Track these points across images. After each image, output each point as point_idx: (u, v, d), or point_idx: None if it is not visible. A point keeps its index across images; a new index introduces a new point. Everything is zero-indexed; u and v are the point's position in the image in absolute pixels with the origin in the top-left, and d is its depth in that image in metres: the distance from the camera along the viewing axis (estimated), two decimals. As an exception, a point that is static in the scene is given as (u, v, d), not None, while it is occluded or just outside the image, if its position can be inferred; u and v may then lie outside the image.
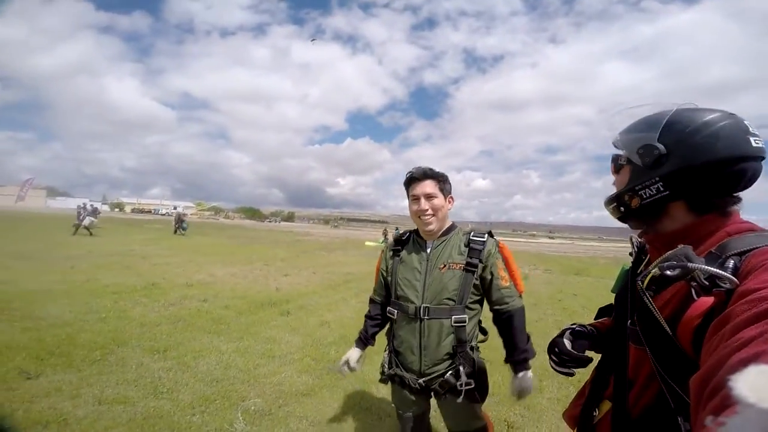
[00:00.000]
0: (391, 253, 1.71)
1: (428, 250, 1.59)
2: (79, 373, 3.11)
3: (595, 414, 0.93)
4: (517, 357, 1.54)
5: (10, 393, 2.69)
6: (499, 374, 3.68)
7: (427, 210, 1.54)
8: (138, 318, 4.75)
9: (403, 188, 1.68)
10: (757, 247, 0.66)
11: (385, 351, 1.70)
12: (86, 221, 16.49)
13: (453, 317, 1.49)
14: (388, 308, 1.67)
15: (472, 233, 1.60)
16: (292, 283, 7.91)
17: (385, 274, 1.72)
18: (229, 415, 2.65)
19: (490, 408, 2.95)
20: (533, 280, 10.30)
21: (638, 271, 0.90)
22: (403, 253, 1.66)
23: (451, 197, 1.63)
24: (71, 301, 5.27)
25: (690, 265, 0.65)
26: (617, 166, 0.91)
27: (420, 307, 1.51)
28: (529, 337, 1.59)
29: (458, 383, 1.49)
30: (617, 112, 0.94)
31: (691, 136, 0.75)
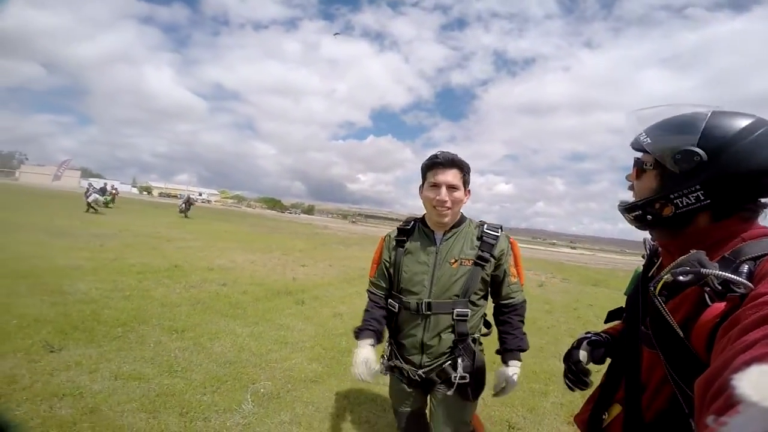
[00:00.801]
0: (395, 243, 1.59)
1: (438, 243, 1.50)
2: (100, 349, 3.22)
3: (604, 417, 0.92)
4: (512, 345, 1.51)
5: (33, 365, 2.81)
6: None
7: (447, 202, 1.43)
8: (160, 298, 4.90)
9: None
10: None
11: (386, 342, 1.64)
12: (91, 198, 17.32)
13: (455, 311, 1.44)
14: (389, 301, 1.58)
15: (485, 226, 1.52)
16: (309, 274, 8.00)
17: (387, 265, 1.60)
18: (239, 396, 2.70)
19: (493, 408, 2.91)
20: (550, 288, 10.11)
21: (650, 275, 0.90)
22: (409, 245, 1.55)
23: (469, 190, 1.53)
24: (98, 278, 5.49)
25: (703, 270, 0.64)
26: (641, 170, 0.85)
27: (423, 302, 1.45)
28: (524, 333, 1.57)
29: (453, 375, 1.44)
30: (637, 112, 0.89)
31: (733, 143, 0.71)
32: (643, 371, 0.83)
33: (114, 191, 23.52)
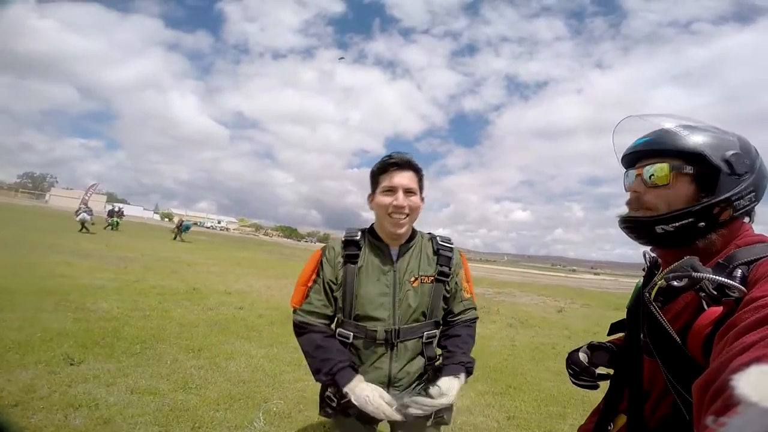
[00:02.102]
0: (343, 259, 1.29)
1: (395, 259, 1.30)
2: (118, 364, 3.25)
3: (610, 428, 0.91)
4: (461, 359, 1.26)
5: (53, 376, 2.85)
6: (520, 399, 3.45)
7: (404, 207, 1.24)
8: (178, 318, 4.96)
9: (370, 185, 1.34)
10: (764, 257, 0.66)
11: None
12: (79, 217, 17.91)
13: (425, 334, 1.29)
14: (339, 330, 1.30)
15: (438, 238, 1.38)
16: (325, 299, 7.96)
17: (333, 286, 1.29)
18: (251, 414, 2.65)
19: (509, 430, 2.77)
20: (569, 314, 9.80)
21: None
22: (362, 261, 1.30)
23: (423, 197, 1.34)
24: (120, 297, 5.61)
25: (696, 275, 0.65)
26: (677, 175, 0.77)
27: (393, 330, 1.25)
28: (472, 358, 1.32)
29: None
30: (638, 117, 0.89)
31: (756, 153, 0.78)
32: (645, 380, 0.82)
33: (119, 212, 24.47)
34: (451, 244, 1.37)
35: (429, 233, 1.41)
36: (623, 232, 0.87)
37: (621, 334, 1.11)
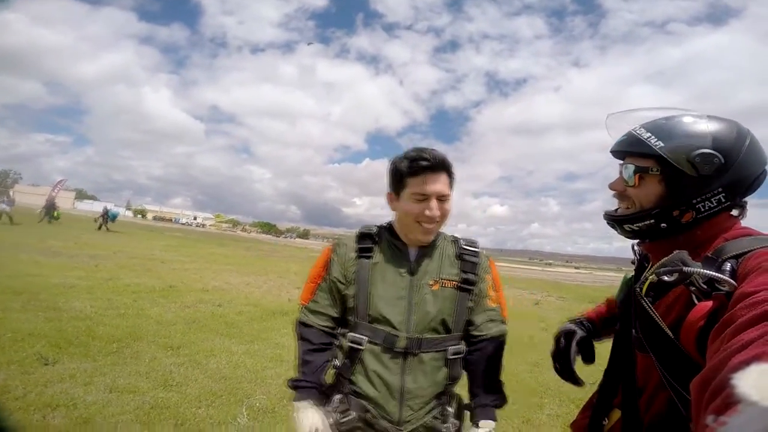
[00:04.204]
0: (355, 254, 1.19)
1: (411, 260, 1.18)
2: (94, 363, 3.20)
3: (604, 423, 0.91)
4: (486, 401, 1.17)
5: (27, 377, 2.79)
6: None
7: (437, 217, 1.12)
8: (155, 317, 4.87)
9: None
10: (752, 250, 0.66)
11: (336, 394, 1.16)
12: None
13: (450, 349, 1.15)
14: (351, 335, 1.15)
15: (462, 242, 1.23)
16: (305, 295, 7.96)
17: (341, 282, 1.19)
18: (234, 410, 2.69)
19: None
20: (546, 306, 10.19)
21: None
22: (377, 257, 1.18)
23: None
24: (93, 296, 5.45)
25: (686, 269, 0.65)
26: (643, 176, 0.80)
27: (408, 338, 1.11)
28: (501, 381, 1.23)
29: (444, 427, 1.16)
30: (617, 114, 0.89)
31: (739, 146, 0.74)
32: (638, 376, 0.82)
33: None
34: (477, 247, 1.22)
35: (452, 236, 1.27)
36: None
37: (599, 306, 1.17)
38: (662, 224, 0.78)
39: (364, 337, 1.14)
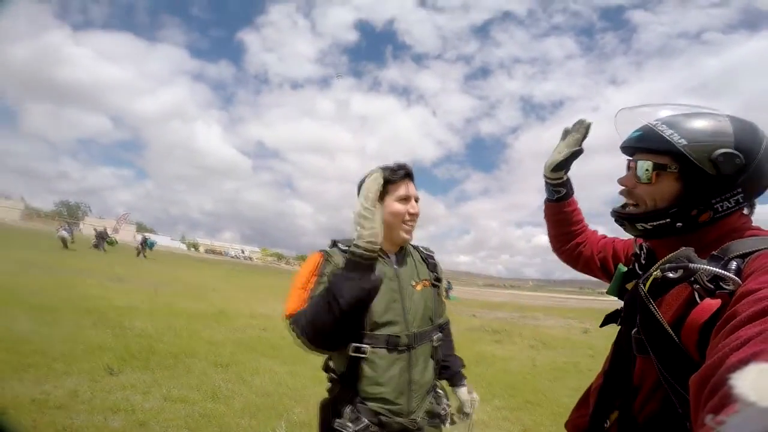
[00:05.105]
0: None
1: (394, 266, 1.27)
2: (153, 375, 3.45)
3: (606, 424, 0.87)
4: (457, 368, 1.44)
5: (94, 384, 3.08)
6: (537, 413, 3.34)
7: (417, 214, 1.28)
8: (207, 337, 5.18)
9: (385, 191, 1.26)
10: (759, 250, 0.65)
11: (345, 405, 1.15)
12: (59, 233, 19.35)
13: (434, 338, 1.31)
14: (353, 345, 1.14)
15: (421, 247, 1.43)
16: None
17: None
18: (273, 423, 2.77)
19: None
20: (595, 334, 9.21)
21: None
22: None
23: None
24: (153, 318, 5.90)
25: (692, 266, 0.64)
26: (660, 173, 0.77)
27: (408, 335, 1.20)
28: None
29: (441, 408, 1.30)
30: (627, 110, 0.87)
31: (758, 147, 0.72)
32: (635, 376, 0.80)
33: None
34: (432, 252, 1.45)
35: (411, 244, 1.38)
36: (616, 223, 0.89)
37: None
38: (678, 224, 0.76)
39: (367, 346, 1.15)
